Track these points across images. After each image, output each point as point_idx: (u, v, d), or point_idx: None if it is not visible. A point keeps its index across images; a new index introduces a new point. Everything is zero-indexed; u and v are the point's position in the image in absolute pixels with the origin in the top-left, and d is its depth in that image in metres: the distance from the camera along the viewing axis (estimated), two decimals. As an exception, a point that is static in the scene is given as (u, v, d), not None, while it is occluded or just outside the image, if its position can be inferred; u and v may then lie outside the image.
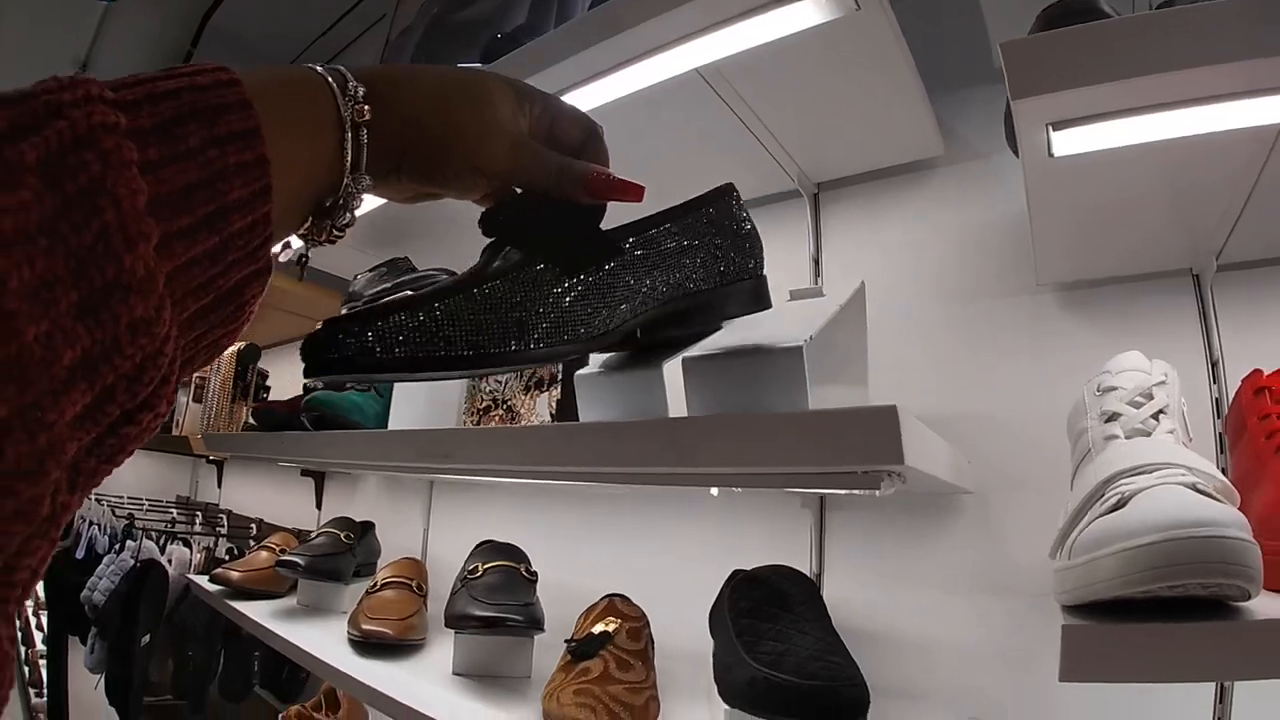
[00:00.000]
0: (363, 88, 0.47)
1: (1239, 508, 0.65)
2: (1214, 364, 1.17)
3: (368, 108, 0.47)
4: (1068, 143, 0.88)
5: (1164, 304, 1.22)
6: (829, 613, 1.08)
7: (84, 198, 0.31)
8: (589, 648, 1.12)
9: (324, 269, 2.33)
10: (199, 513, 3.46)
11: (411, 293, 0.58)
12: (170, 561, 2.76)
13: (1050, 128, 0.86)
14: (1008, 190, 1.15)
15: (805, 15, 1.00)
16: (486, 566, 1.40)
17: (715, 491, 0.93)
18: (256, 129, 0.38)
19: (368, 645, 1.44)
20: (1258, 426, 0.86)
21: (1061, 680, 0.62)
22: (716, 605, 1.13)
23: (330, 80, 0.46)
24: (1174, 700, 1.06)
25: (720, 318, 0.76)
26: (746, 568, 1.18)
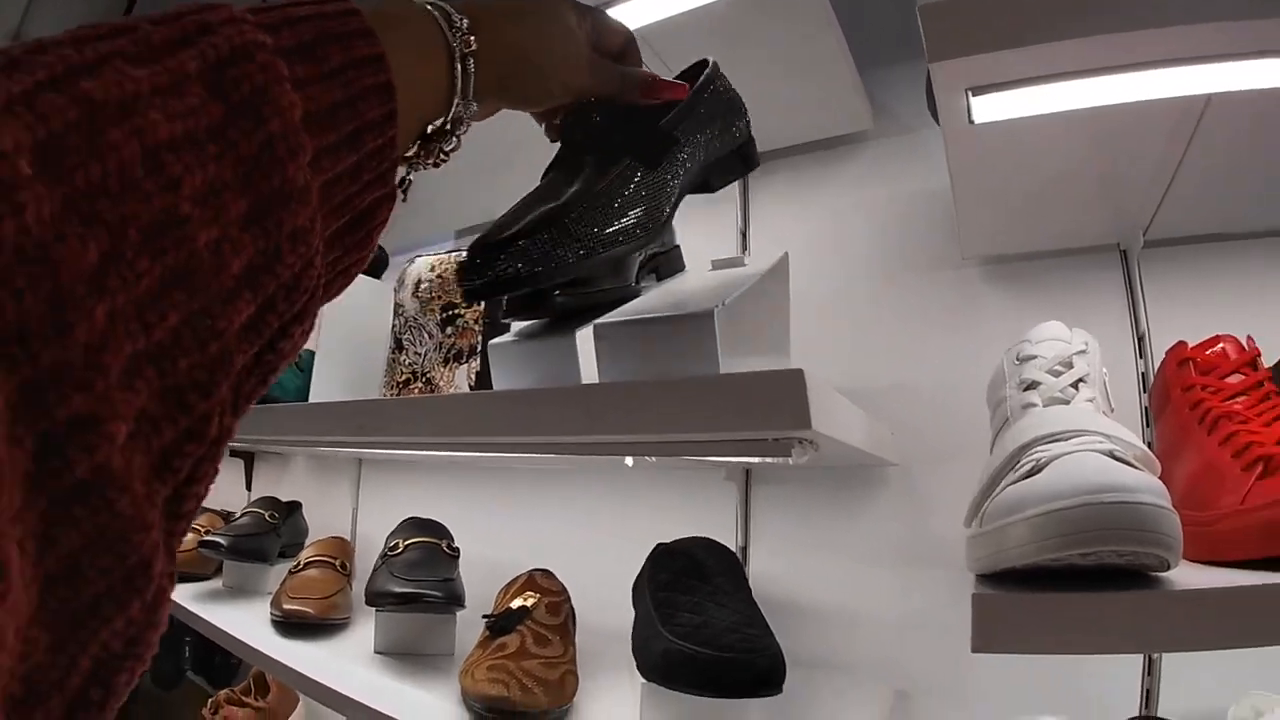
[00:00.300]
0: (467, 19, 0.50)
1: (1161, 479, 0.62)
2: (1140, 339, 1.17)
3: (473, 38, 0.50)
4: (988, 109, 0.85)
5: (1091, 279, 1.21)
6: (751, 585, 1.07)
7: (248, 107, 0.32)
8: (506, 623, 1.09)
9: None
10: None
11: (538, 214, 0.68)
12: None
13: (970, 93, 0.84)
14: (936, 164, 1.13)
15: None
16: (407, 543, 1.36)
17: (630, 461, 0.91)
18: (382, 55, 0.39)
19: (290, 625, 1.40)
20: (1181, 398, 0.85)
21: (974, 651, 0.60)
22: (638, 579, 1.10)
23: (436, 14, 0.49)
24: (1103, 670, 1.06)
25: (721, 183, 0.86)
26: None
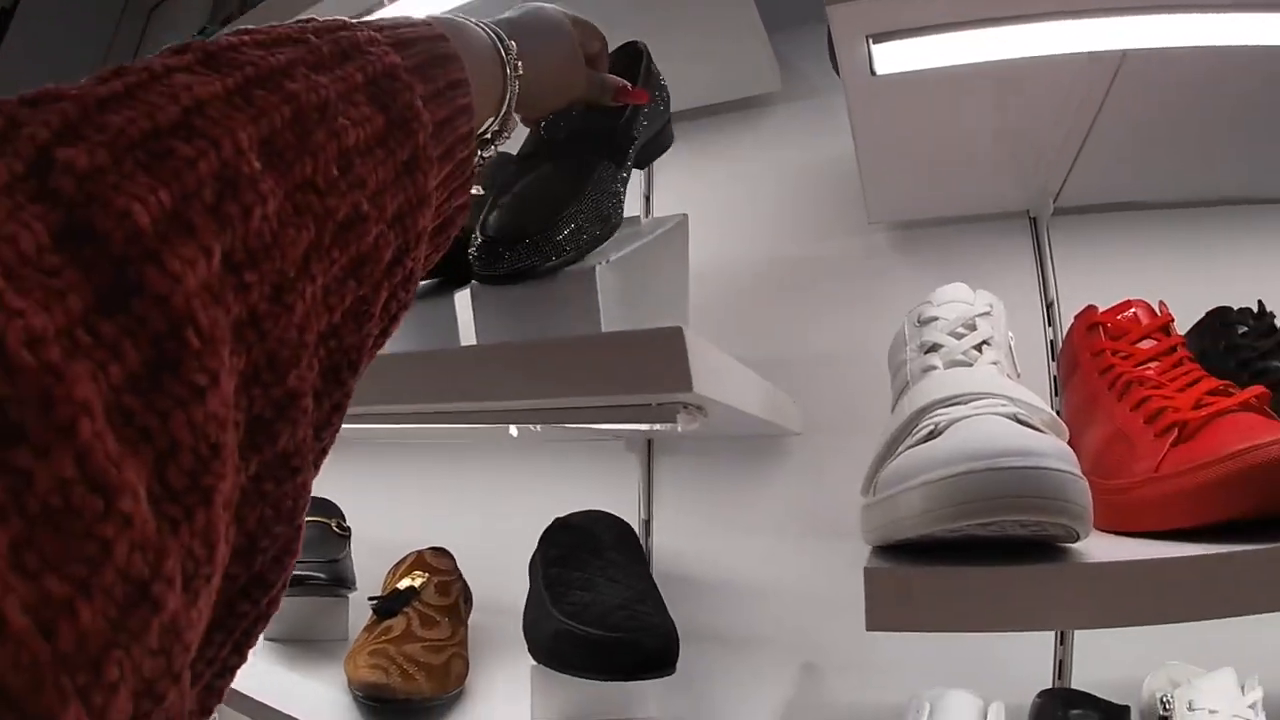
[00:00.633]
0: (514, 44, 0.52)
1: (1069, 445, 0.57)
2: (1049, 307, 1.15)
3: (520, 63, 0.52)
4: (890, 58, 0.82)
5: (1000, 246, 1.19)
6: (654, 559, 1.03)
7: (402, 120, 0.35)
8: (392, 605, 1.03)
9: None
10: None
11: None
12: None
13: (870, 40, 0.80)
14: (846, 127, 1.09)
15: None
16: (294, 523, 1.27)
17: (514, 431, 0.85)
18: (466, 79, 0.42)
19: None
20: (1090, 364, 0.81)
21: (869, 630, 0.55)
22: (533, 556, 1.05)
23: (492, 37, 0.51)
24: (1015, 641, 1.04)
25: (648, 162, 0.92)
26: (574, 517, 1.10)
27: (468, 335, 0.78)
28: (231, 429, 0.24)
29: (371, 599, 1.07)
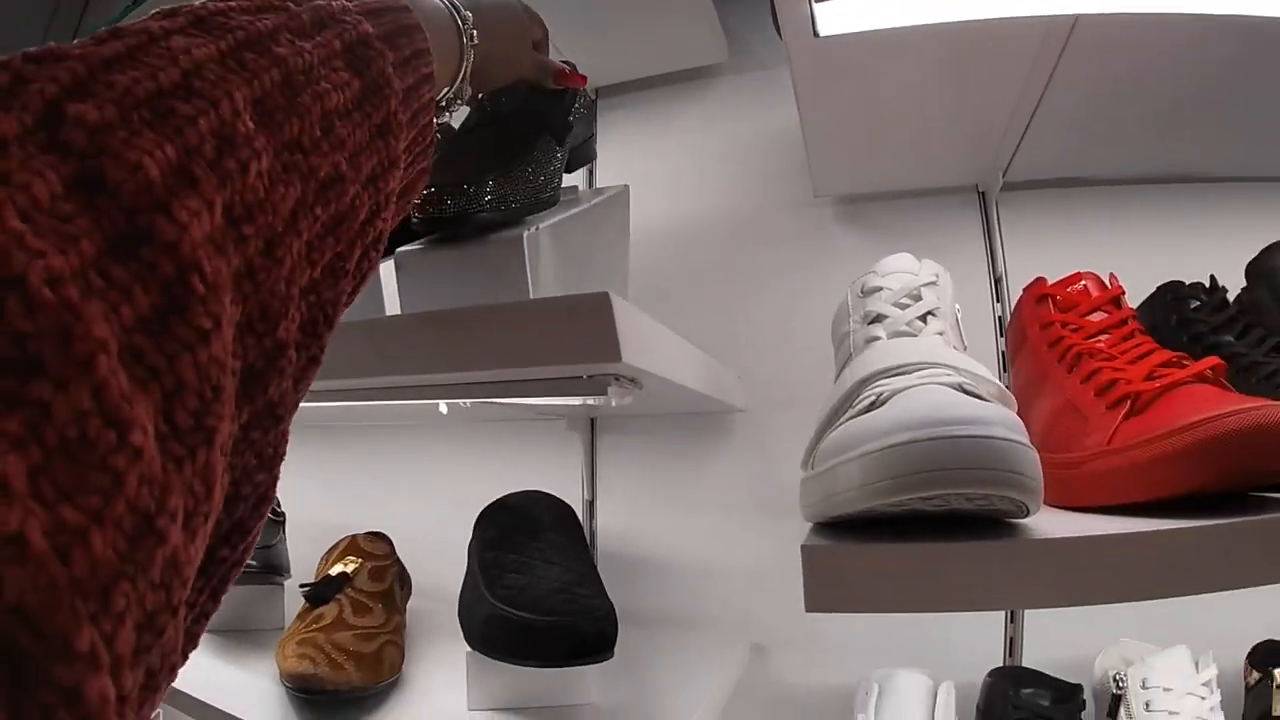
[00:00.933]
0: (470, 15, 0.53)
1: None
2: (997, 282, 1.13)
3: (475, 33, 0.53)
4: (833, 18, 0.79)
5: (948, 220, 1.17)
6: (599, 541, 0.99)
7: (376, 85, 0.36)
8: (324, 592, 0.98)
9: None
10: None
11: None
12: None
13: (812, 0, 0.76)
14: (792, 100, 1.07)
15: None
16: (223, 508, 1.22)
17: (444, 408, 0.81)
18: (429, 49, 0.43)
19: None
20: (1039, 336, 0.78)
21: (808, 611, 0.51)
22: (471, 539, 1.01)
23: (449, 10, 0.52)
24: (966, 620, 1.03)
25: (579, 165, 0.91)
26: (515, 499, 1.06)
27: (394, 308, 0.74)
28: (230, 374, 0.25)
29: (303, 586, 1.02)
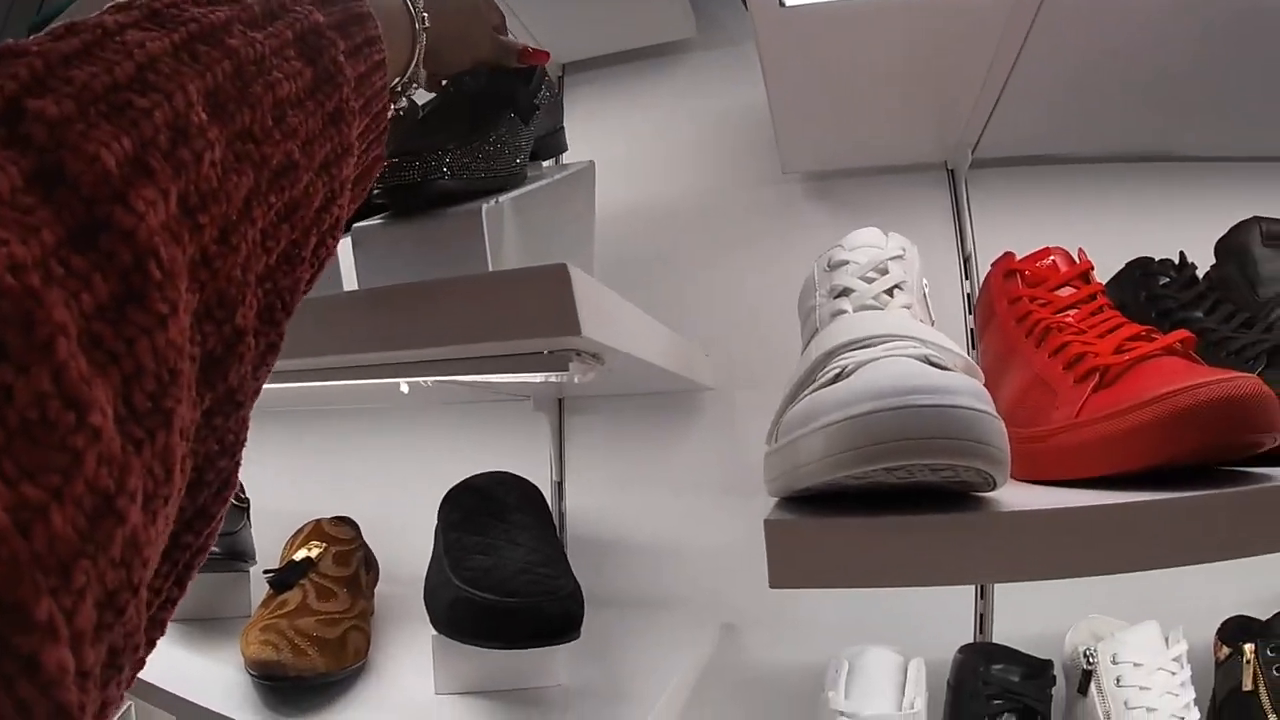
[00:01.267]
0: (421, 0, 0.53)
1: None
2: (966, 259, 1.12)
3: (426, 17, 0.53)
4: None
5: (916, 197, 1.17)
6: (568, 522, 0.98)
7: (328, 74, 0.36)
8: (287, 578, 0.96)
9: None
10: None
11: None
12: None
13: (778, -29, 0.74)
14: (760, 77, 1.06)
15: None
16: (186, 495, 1.20)
17: (405, 387, 0.79)
18: (380, 35, 0.43)
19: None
20: (1008, 311, 0.78)
21: (772, 587, 0.50)
22: (437, 522, 0.99)
23: None
24: (936, 596, 1.04)
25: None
26: (482, 482, 1.04)
27: (351, 284, 0.72)
28: (188, 359, 0.26)
29: (267, 572, 1.00)
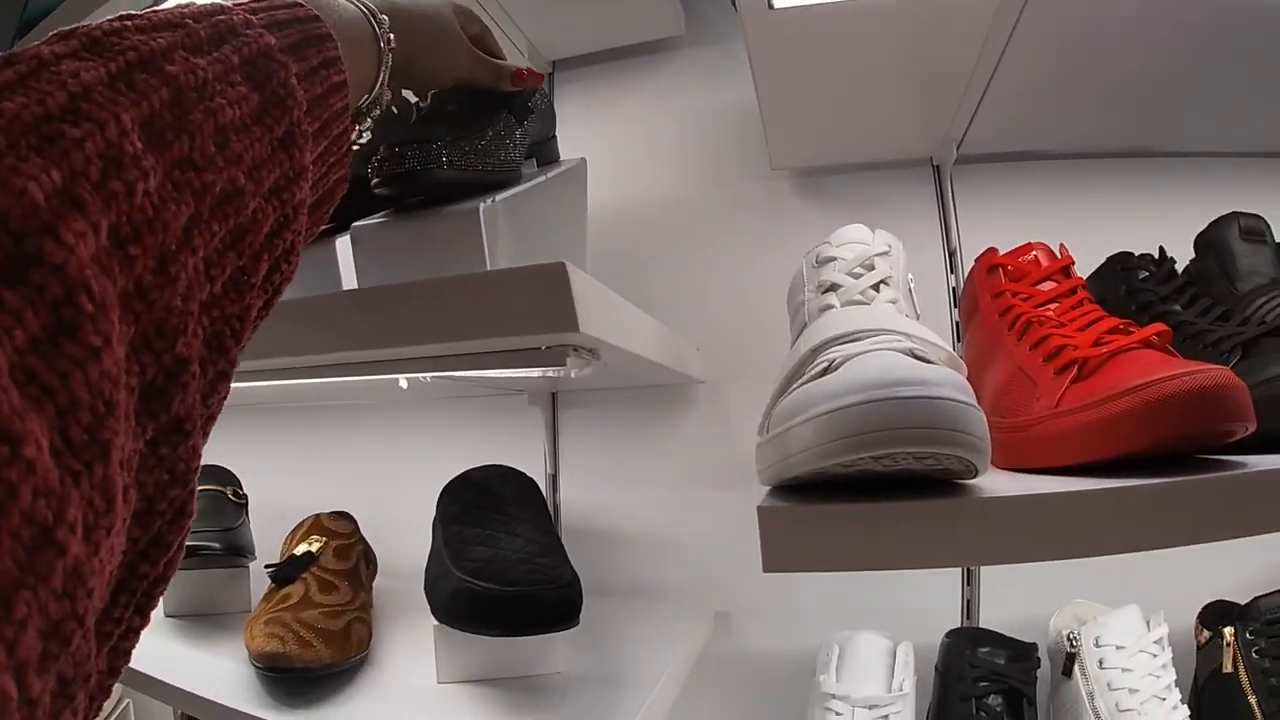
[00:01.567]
0: (386, 18, 0.51)
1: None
2: (952, 254, 1.13)
3: (393, 36, 0.52)
4: None
5: (903, 193, 1.18)
6: (563, 515, 0.99)
7: (277, 98, 0.36)
8: (289, 571, 0.98)
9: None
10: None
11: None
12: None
13: (767, -30, 0.76)
14: (749, 74, 1.07)
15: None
16: (186, 491, 1.20)
17: (404, 383, 0.81)
18: (339, 57, 0.42)
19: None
20: (991, 305, 0.79)
21: (765, 571, 0.51)
22: (435, 515, 1.01)
23: (364, 12, 0.50)
24: (924, 582, 1.05)
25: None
26: (478, 475, 1.05)
27: (351, 283, 0.73)
28: (124, 390, 0.25)
29: (268, 567, 1.01)
